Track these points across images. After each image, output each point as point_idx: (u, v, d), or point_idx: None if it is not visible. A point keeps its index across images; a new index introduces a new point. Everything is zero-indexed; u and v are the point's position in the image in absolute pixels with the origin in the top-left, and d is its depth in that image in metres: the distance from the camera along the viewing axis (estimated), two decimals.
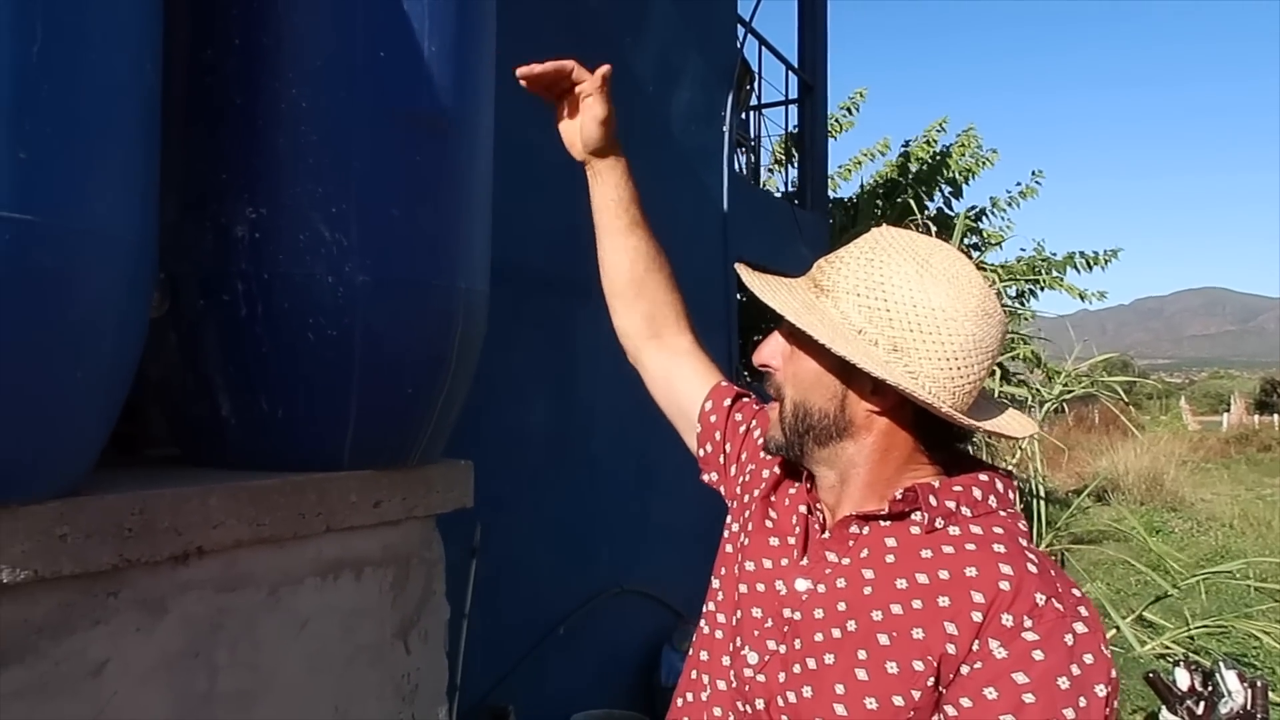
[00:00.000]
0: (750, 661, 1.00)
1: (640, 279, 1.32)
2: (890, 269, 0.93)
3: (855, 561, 0.98)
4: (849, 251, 0.98)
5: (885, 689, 0.89)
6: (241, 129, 1.56)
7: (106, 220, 1.20)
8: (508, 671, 3.30)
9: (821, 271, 0.99)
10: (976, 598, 0.89)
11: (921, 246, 0.96)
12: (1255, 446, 22.78)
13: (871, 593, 0.94)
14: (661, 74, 4.58)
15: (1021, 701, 0.84)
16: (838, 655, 0.93)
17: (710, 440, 1.28)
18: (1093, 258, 10.37)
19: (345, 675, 1.66)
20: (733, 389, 1.31)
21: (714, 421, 1.28)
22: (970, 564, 0.92)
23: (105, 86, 1.19)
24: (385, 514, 1.72)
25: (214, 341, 1.59)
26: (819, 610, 0.97)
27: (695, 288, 2.58)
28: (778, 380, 1.03)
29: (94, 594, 1.28)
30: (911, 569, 0.94)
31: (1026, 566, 0.91)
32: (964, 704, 0.87)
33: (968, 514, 0.96)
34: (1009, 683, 0.85)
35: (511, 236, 3.10)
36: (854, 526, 1.00)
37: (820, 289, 0.97)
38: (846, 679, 0.91)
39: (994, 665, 0.87)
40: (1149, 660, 4.90)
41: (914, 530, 0.96)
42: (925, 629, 0.90)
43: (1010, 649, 0.87)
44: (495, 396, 2.91)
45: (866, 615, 0.93)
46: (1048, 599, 0.88)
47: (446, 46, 1.69)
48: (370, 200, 1.60)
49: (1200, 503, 12.15)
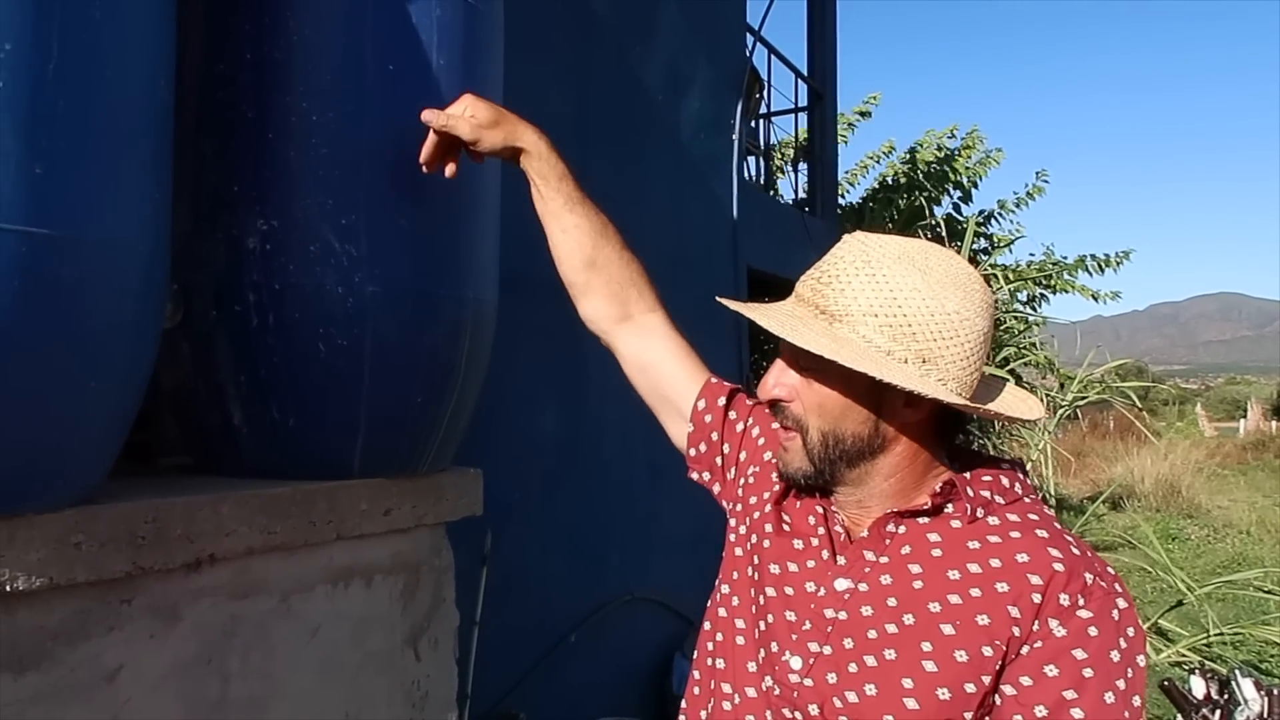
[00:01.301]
0: (794, 667, 0.99)
1: (590, 257, 1.29)
2: (897, 282, 0.94)
3: (897, 558, 0.99)
4: (843, 269, 0.97)
5: (956, 677, 0.91)
6: (253, 142, 1.58)
7: (120, 232, 1.22)
8: (519, 679, 3.31)
9: (822, 296, 0.97)
10: (1034, 580, 0.92)
11: (914, 251, 0.98)
12: (1272, 453, 22.57)
13: (923, 586, 0.96)
14: (671, 82, 4.60)
15: (1082, 676, 0.89)
16: (899, 650, 0.94)
17: (705, 440, 1.27)
18: (1104, 260, 10.32)
19: (355, 682, 1.67)
20: (725, 386, 1.29)
21: (709, 422, 1.27)
22: (1020, 550, 0.95)
23: (119, 101, 1.21)
24: (395, 522, 1.73)
25: (226, 351, 1.61)
26: (867, 608, 0.98)
27: (706, 296, 2.55)
28: (795, 411, 1.01)
29: (108, 601, 1.29)
30: (962, 560, 0.96)
31: (1070, 549, 0.96)
32: (1024, 683, 0.90)
33: (1001, 502, 1.00)
34: (1069, 659, 0.90)
35: (520, 245, 3.12)
36: (890, 525, 1.01)
37: (831, 315, 0.96)
38: (914, 672, 0.93)
39: (1054, 643, 0.91)
40: (1165, 668, 4.86)
41: (954, 524, 0.99)
42: (990, 615, 0.92)
43: (1069, 626, 0.91)
44: (505, 404, 2.93)
45: (923, 608, 0.95)
46: (1095, 577, 0.93)
47: (455, 59, 1.71)
48: (379, 212, 1.62)
49: (1217, 509, 12.05)
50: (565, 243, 1.30)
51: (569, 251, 1.30)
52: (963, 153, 10.42)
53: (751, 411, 1.26)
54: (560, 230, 1.30)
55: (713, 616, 1.15)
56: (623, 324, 1.31)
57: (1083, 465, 13.70)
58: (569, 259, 1.30)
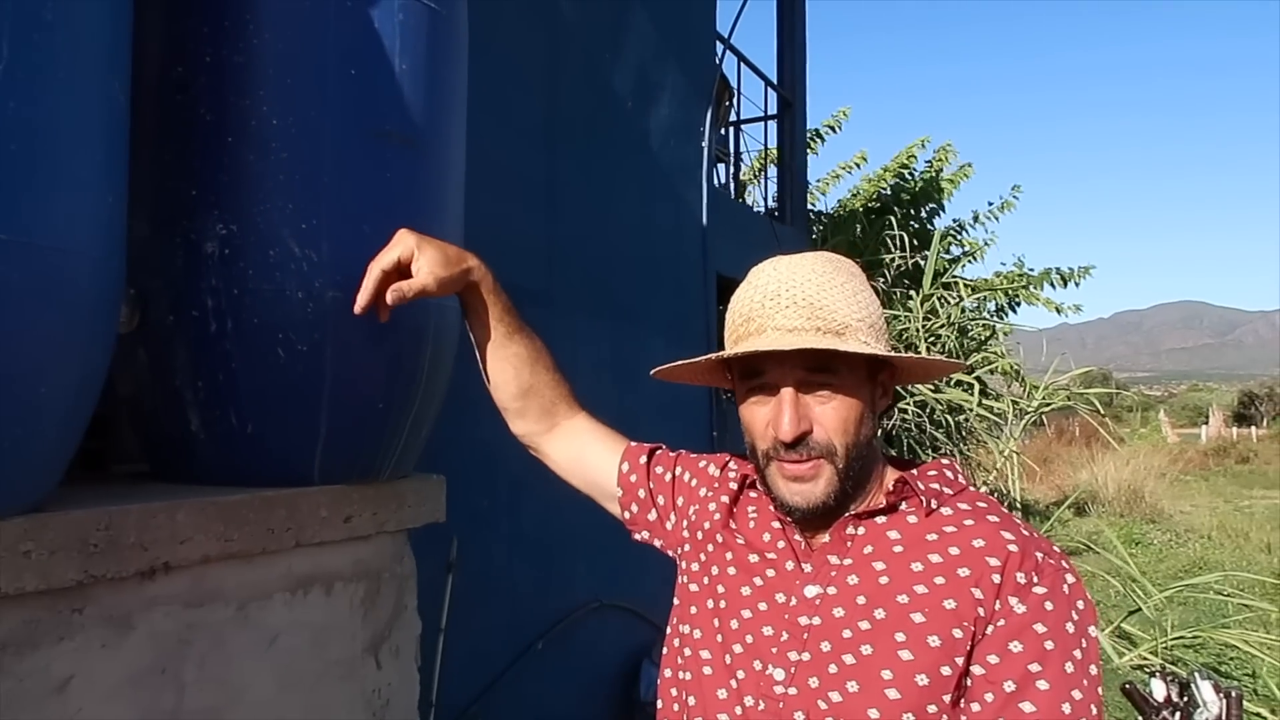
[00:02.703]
0: (778, 678, 1.02)
1: (526, 384, 1.36)
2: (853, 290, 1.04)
3: (860, 558, 1.03)
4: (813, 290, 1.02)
5: (933, 663, 0.95)
6: (212, 145, 1.57)
7: (72, 236, 1.21)
8: (486, 687, 3.29)
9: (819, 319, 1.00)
10: (992, 562, 0.98)
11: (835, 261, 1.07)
12: (1233, 459, 23.02)
13: (889, 581, 1.01)
14: (640, 89, 4.61)
15: (1044, 649, 0.94)
16: (875, 644, 0.98)
17: (635, 500, 1.33)
18: (1067, 273, 10.54)
19: (315, 691, 1.65)
20: (645, 446, 1.36)
21: (635, 481, 1.32)
22: (975, 536, 1.01)
23: (72, 103, 1.20)
24: (356, 529, 1.72)
25: (183, 357, 1.59)
26: (838, 610, 1.01)
27: (674, 302, 2.59)
28: (820, 439, 1.02)
29: (59, 610, 1.27)
30: (923, 551, 1.01)
31: (1020, 530, 1.02)
32: (992, 661, 0.95)
33: (949, 493, 1.06)
34: (1031, 634, 0.95)
35: (487, 251, 3.11)
36: (850, 528, 1.06)
37: (836, 332, 1.00)
38: (892, 663, 0.96)
39: (1016, 620, 0.95)
40: (1126, 672, 4.93)
41: (911, 519, 1.04)
42: (956, 599, 0.97)
43: (1027, 603, 0.96)
44: (471, 411, 2.91)
45: (892, 601, 0.99)
46: (1044, 555, 1.00)
47: (418, 64, 1.70)
48: (341, 217, 1.61)
49: (1179, 514, 12.26)
50: (503, 371, 1.36)
51: (506, 380, 1.36)
52: (935, 164, 10.58)
53: (676, 460, 1.32)
54: (498, 360, 1.35)
55: (672, 661, 1.17)
56: (549, 434, 1.39)
57: (1048, 471, 13.88)
58: (505, 387, 1.37)
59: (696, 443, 4.80)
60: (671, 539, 1.28)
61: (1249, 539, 10.15)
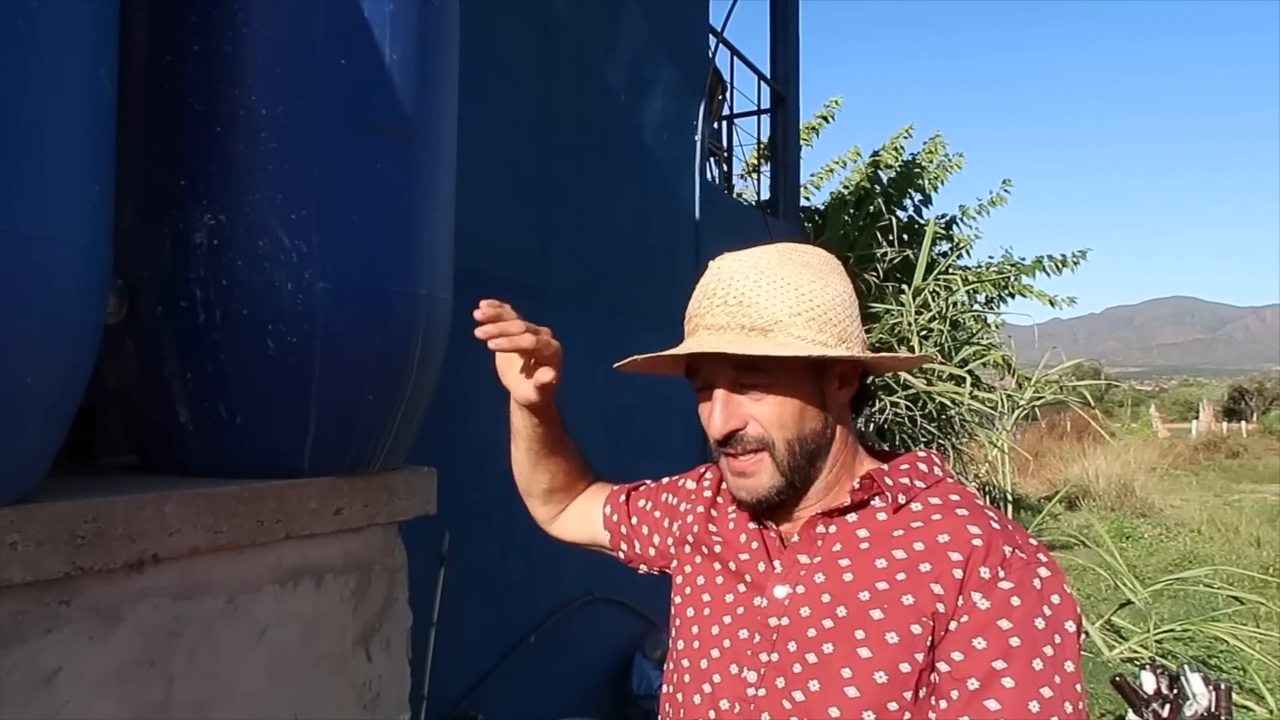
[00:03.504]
0: (750, 680, 1.02)
1: (561, 487, 1.38)
2: (799, 282, 1.01)
3: (828, 556, 1.03)
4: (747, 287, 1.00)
5: (890, 660, 0.94)
6: (200, 135, 1.56)
7: (58, 226, 1.20)
8: (478, 681, 3.29)
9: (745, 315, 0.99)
10: (954, 557, 0.96)
11: (788, 253, 1.05)
12: (1223, 453, 23.13)
13: (853, 579, 0.99)
14: (633, 83, 4.60)
15: (1009, 646, 0.91)
16: (836, 643, 0.97)
17: (622, 539, 1.35)
18: (1061, 260, 10.51)
19: (305, 683, 1.65)
20: (625, 487, 1.38)
21: (617, 520, 1.35)
22: (940, 531, 0.99)
23: (58, 92, 1.19)
24: (346, 521, 1.71)
25: (172, 348, 1.58)
26: (805, 608, 1.01)
27: (667, 296, 2.55)
28: (755, 434, 1.03)
29: (46, 602, 1.27)
30: (887, 548, 1.00)
31: (990, 523, 0.99)
32: (955, 658, 0.93)
33: (922, 486, 1.05)
34: (996, 630, 0.92)
35: (477, 242, 3.10)
36: (820, 526, 1.05)
37: (762, 329, 0.99)
38: (851, 661, 0.95)
39: (979, 616, 0.93)
40: (1116, 664, 4.96)
41: (880, 516, 1.03)
42: (915, 594, 0.95)
43: (991, 599, 0.93)
44: (464, 405, 2.91)
45: (854, 598, 0.98)
46: (1014, 549, 0.97)
47: (409, 54, 1.69)
48: (330, 207, 1.60)
49: (1170, 508, 12.31)
50: (541, 478, 1.36)
51: (541, 483, 1.37)
52: (924, 156, 10.55)
53: (659, 488, 1.34)
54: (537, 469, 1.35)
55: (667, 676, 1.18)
56: (560, 516, 1.42)
57: (1040, 465, 13.93)
58: (538, 486, 1.37)
59: (689, 436, 4.80)
60: (663, 560, 1.30)
61: (1238, 533, 10.20)
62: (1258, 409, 44.11)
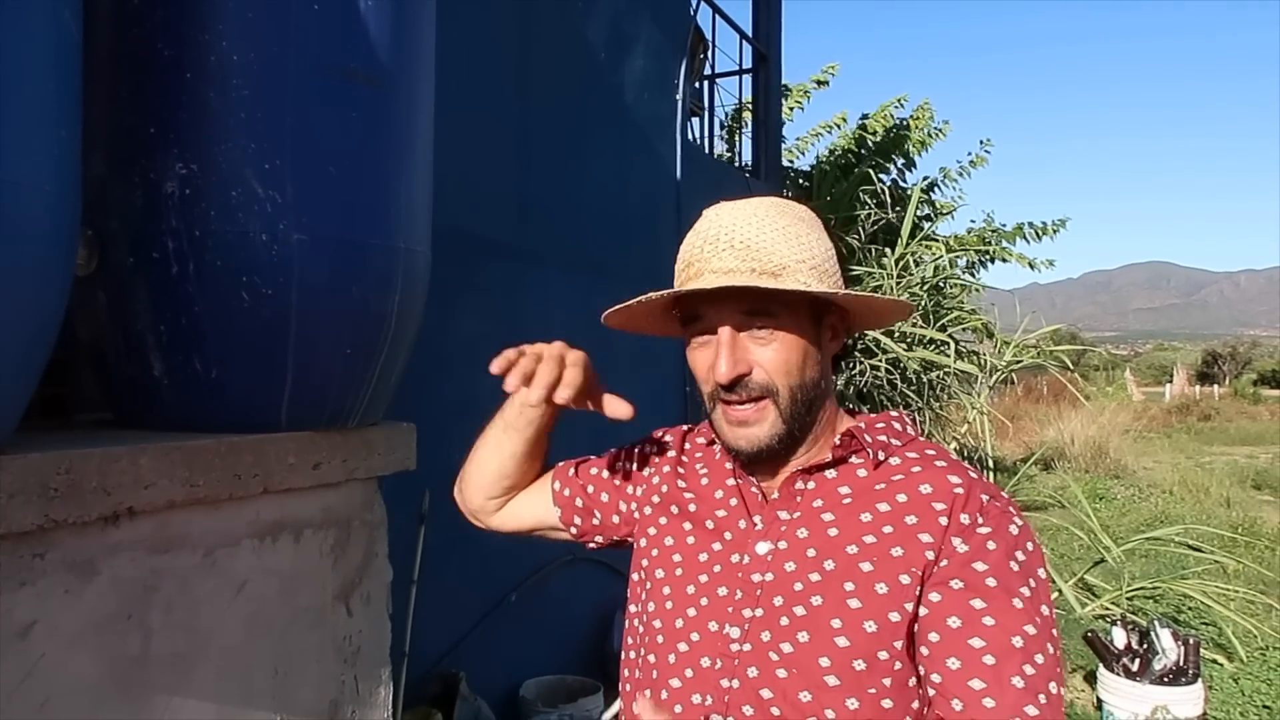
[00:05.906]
0: (734, 636, 1.02)
1: (522, 485, 1.31)
2: (799, 233, 1.02)
3: (810, 512, 1.03)
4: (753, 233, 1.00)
5: (880, 609, 0.95)
6: (170, 82, 1.52)
7: (21, 172, 1.16)
8: (459, 639, 3.30)
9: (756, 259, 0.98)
10: (938, 506, 0.98)
11: (783, 206, 1.05)
12: (1196, 416, 23.47)
13: (838, 533, 1.01)
14: (614, 41, 4.53)
15: (986, 586, 0.93)
16: (824, 595, 0.98)
17: (576, 511, 1.29)
18: (1041, 228, 10.57)
19: (285, 637, 1.65)
20: (570, 462, 1.32)
21: (570, 494, 1.29)
22: (922, 482, 1.01)
23: (18, 32, 1.15)
24: (325, 476, 1.70)
25: (144, 300, 1.56)
26: (790, 564, 1.01)
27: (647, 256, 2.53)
28: (760, 379, 1.01)
29: (19, 555, 1.25)
30: (871, 502, 1.01)
31: (968, 474, 1.02)
32: (934, 599, 0.95)
33: (898, 444, 1.07)
34: (972, 572, 0.94)
35: (459, 199, 3.07)
36: (799, 482, 1.06)
37: (773, 273, 0.98)
38: (840, 612, 0.96)
39: (958, 559, 0.95)
40: (1089, 621, 5.05)
41: (860, 473, 1.04)
42: (904, 546, 0.97)
43: (970, 543, 0.96)
44: (445, 362, 2.89)
45: (841, 552, 0.99)
46: (990, 498, 1.00)
47: (384, 1, 1.65)
48: (305, 157, 1.57)
49: (1142, 470, 12.48)
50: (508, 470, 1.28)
51: (503, 479, 1.29)
52: (912, 123, 10.53)
53: (609, 456, 1.30)
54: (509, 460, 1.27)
55: (629, 639, 1.17)
56: (505, 507, 1.34)
57: (1017, 428, 14.06)
58: (502, 484, 1.30)
59: (669, 395, 4.80)
60: (623, 529, 1.26)
61: (1209, 494, 10.37)
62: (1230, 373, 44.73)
